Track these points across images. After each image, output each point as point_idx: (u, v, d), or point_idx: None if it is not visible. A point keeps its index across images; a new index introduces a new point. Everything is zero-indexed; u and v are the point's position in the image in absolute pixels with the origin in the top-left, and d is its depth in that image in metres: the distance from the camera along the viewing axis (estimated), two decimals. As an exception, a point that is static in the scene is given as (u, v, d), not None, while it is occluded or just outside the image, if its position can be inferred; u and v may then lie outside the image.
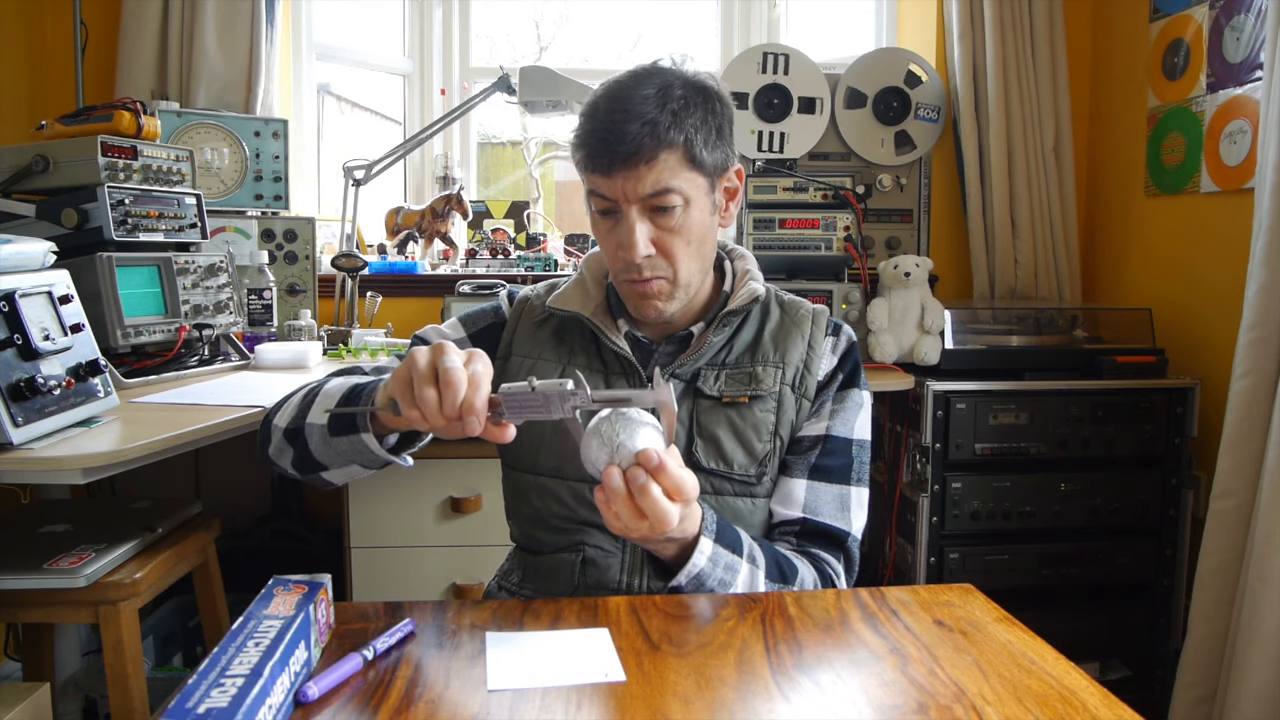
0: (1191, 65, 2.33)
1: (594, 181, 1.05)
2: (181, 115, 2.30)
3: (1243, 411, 1.91)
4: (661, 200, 1.03)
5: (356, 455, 0.97)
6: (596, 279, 1.19)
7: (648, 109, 1.01)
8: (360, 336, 2.31)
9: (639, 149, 1.00)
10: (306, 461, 1.03)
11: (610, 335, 1.13)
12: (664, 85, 1.03)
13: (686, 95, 1.03)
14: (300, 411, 1.04)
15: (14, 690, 1.40)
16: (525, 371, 1.14)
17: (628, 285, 1.09)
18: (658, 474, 0.84)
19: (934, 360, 2.21)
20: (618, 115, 1.01)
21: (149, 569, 1.48)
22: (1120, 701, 0.72)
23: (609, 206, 1.05)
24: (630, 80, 1.04)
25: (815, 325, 1.17)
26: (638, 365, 1.12)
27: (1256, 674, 1.81)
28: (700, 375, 1.11)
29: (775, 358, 1.13)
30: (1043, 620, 1.02)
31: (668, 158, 1.02)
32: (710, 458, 1.09)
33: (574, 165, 1.09)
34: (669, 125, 1.01)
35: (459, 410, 0.83)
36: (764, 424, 1.10)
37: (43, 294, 1.42)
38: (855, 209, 2.49)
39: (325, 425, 0.98)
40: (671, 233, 1.05)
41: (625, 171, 1.01)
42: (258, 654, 0.67)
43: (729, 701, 0.72)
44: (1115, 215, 2.68)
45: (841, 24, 3.10)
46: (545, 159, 3.13)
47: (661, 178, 1.02)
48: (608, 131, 1.01)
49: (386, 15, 2.97)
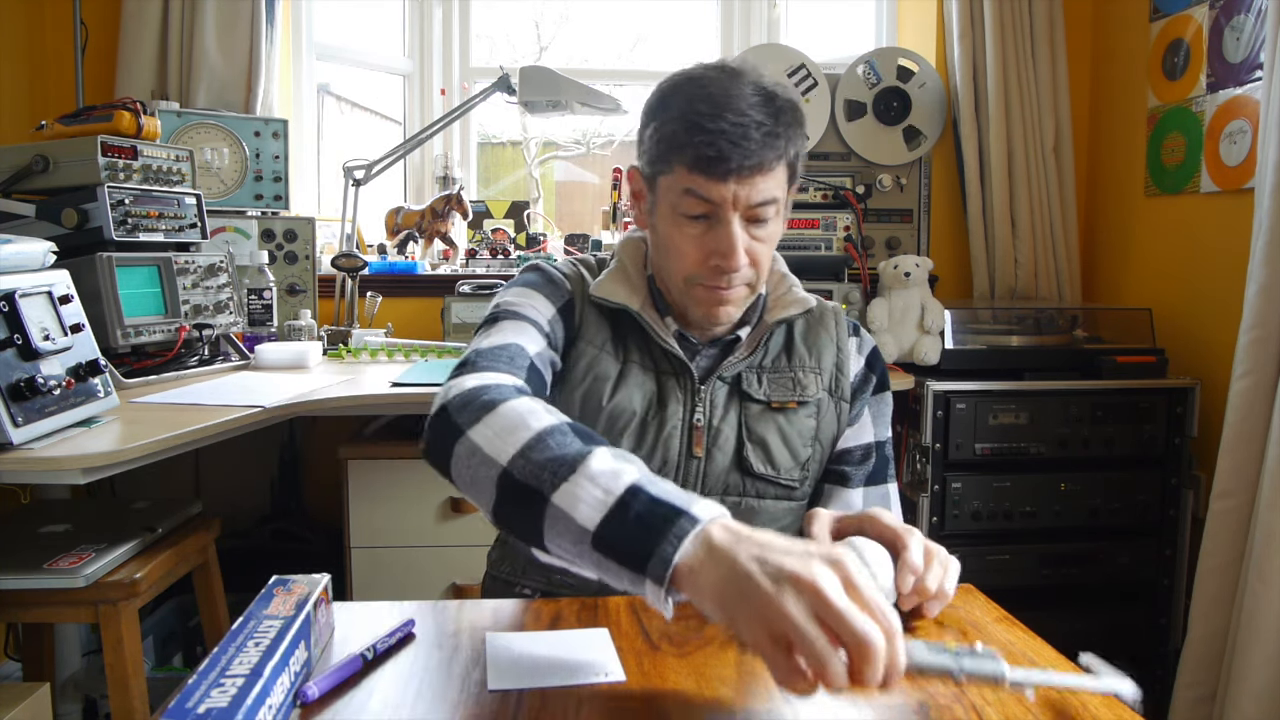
0: (1191, 65, 2.33)
1: (696, 183, 0.99)
2: (181, 115, 2.30)
3: (1243, 411, 1.91)
4: (763, 211, 1.01)
5: (606, 574, 0.71)
6: (637, 269, 1.14)
7: (763, 117, 0.98)
8: (360, 336, 2.31)
9: (763, 160, 0.98)
10: (517, 526, 0.77)
11: (661, 333, 1.10)
12: (763, 91, 1.00)
13: (787, 105, 1.01)
14: (537, 467, 0.75)
15: (14, 690, 1.40)
16: (587, 364, 1.09)
17: (705, 290, 1.06)
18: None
19: (934, 360, 2.21)
20: (738, 119, 0.97)
21: (149, 569, 1.48)
22: (1120, 701, 0.71)
23: (707, 211, 1.01)
24: (727, 80, 1.00)
25: (839, 326, 1.17)
26: (689, 364, 1.10)
27: (1256, 674, 1.81)
28: (744, 378, 1.11)
29: (812, 362, 1.13)
30: (1043, 620, 1.02)
31: (779, 170, 1.00)
32: (760, 462, 1.09)
33: (654, 161, 1.03)
34: (784, 136, 0.99)
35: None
36: (807, 429, 1.11)
37: (43, 294, 1.42)
38: (855, 209, 2.50)
39: (591, 533, 0.70)
40: (761, 242, 1.04)
41: (741, 178, 0.98)
42: (258, 654, 0.67)
43: (729, 701, 0.72)
44: (1115, 215, 2.68)
45: (841, 24, 3.10)
46: (545, 159, 3.13)
47: (770, 188, 1.00)
48: (727, 136, 0.96)
49: (386, 15, 2.97)
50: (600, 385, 1.09)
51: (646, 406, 1.09)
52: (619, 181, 2.73)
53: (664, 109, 1.02)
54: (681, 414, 1.09)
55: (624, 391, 1.09)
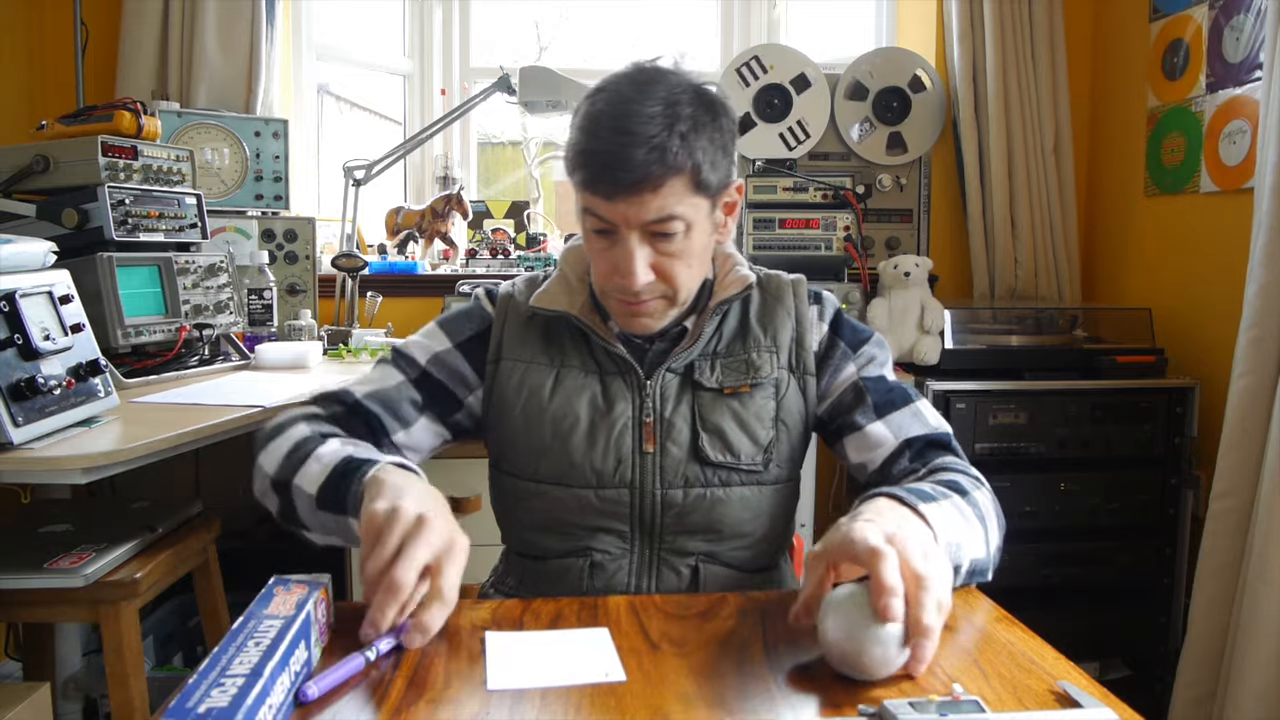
0: (1191, 65, 2.33)
1: (591, 202, 0.99)
2: (182, 115, 2.30)
3: (1243, 411, 1.91)
4: (664, 227, 0.99)
5: (341, 533, 0.95)
6: (579, 274, 1.14)
7: (654, 130, 0.94)
8: (360, 336, 2.31)
9: (645, 176, 0.94)
10: (290, 518, 1.00)
11: (602, 335, 1.09)
12: (670, 100, 0.96)
13: (695, 113, 0.97)
14: (290, 465, 0.98)
15: (14, 690, 1.41)
16: (518, 380, 1.10)
17: (619, 303, 1.06)
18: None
19: (934, 360, 2.21)
20: (623, 137, 0.94)
21: (149, 569, 1.48)
22: (1120, 701, 0.72)
23: (606, 228, 1.00)
24: (632, 91, 0.97)
25: (797, 298, 1.14)
26: (635, 364, 1.09)
27: (1256, 673, 1.81)
28: (695, 367, 1.09)
29: (767, 341, 1.11)
30: (1043, 620, 1.02)
31: (674, 184, 0.97)
32: (717, 450, 1.07)
33: (567, 175, 1.03)
34: (677, 150, 0.95)
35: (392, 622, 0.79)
36: (765, 411, 1.09)
37: (43, 294, 1.42)
38: (855, 209, 2.50)
39: (314, 496, 0.94)
40: (671, 257, 1.01)
41: (628, 198, 0.96)
42: (258, 654, 0.67)
43: (729, 701, 0.72)
44: (1115, 215, 2.68)
45: (841, 24, 3.10)
46: (545, 159, 3.13)
47: (666, 204, 0.97)
48: (611, 155, 0.95)
49: (386, 15, 2.97)
50: (536, 396, 1.09)
51: (592, 408, 1.08)
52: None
53: (574, 119, 1.01)
54: (630, 411, 1.08)
55: (560, 396, 1.08)
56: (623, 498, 1.07)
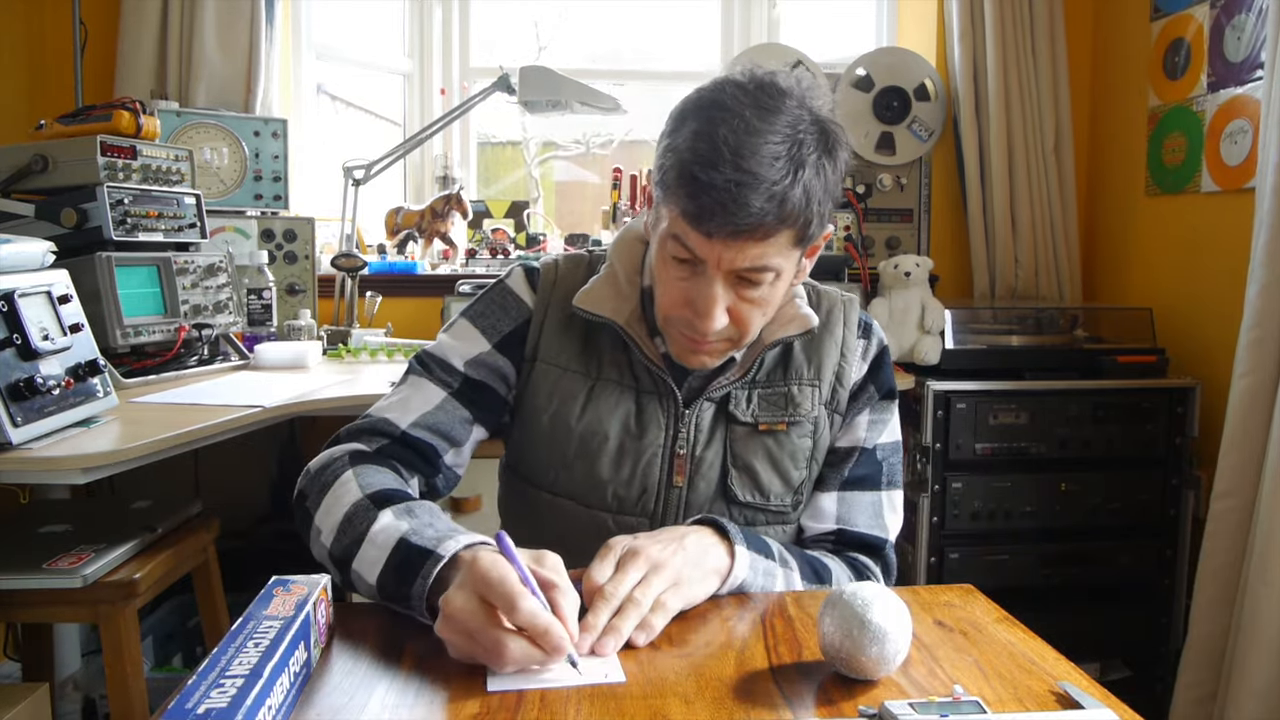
0: (1192, 65, 2.33)
1: (683, 230, 0.89)
2: (181, 115, 2.30)
3: (1243, 411, 1.91)
4: (754, 276, 0.91)
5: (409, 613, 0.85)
6: (630, 276, 1.05)
7: (777, 175, 0.85)
8: (360, 336, 2.31)
9: (758, 226, 0.86)
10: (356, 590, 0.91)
11: (646, 352, 1.01)
12: (794, 136, 0.87)
13: (819, 156, 0.88)
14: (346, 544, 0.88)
15: (14, 690, 1.41)
16: (551, 386, 1.04)
17: (682, 337, 0.97)
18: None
19: (934, 360, 2.20)
20: (743, 176, 0.84)
21: (149, 569, 1.48)
22: (1120, 701, 0.71)
23: (691, 259, 0.91)
24: (755, 117, 0.87)
25: (847, 326, 1.08)
26: (674, 388, 1.02)
27: (1257, 674, 1.80)
28: (731, 397, 1.02)
29: (810, 374, 1.04)
30: (1043, 620, 1.01)
31: (781, 237, 0.89)
32: (747, 490, 1.02)
33: (657, 185, 0.93)
34: (796, 202, 0.86)
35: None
36: (801, 451, 1.04)
37: (42, 294, 1.41)
38: (855, 209, 2.50)
39: (375, 586, 0.85)
40: (751, 304, 0.93)
41: (729, 242, 0.87)
42: (257, 654, 0.67)
43: (729, 701, 0.71)
44: (1115, 215, 2.68)
45: (842, 24, 3.10)
46: (545, 159, 3.13)
47: (766, 254, 0.89)
48: (728, 195, 0.84)
49: (386, 15, 2.97)
50: (568, 407, 1.03)
51: (623, 429, 1.02)
52: (619, 181, 2.73)
53: (675, 131, 0.91)
54: (663, 439, 1.02)
55: (593, 412, 1.03)
56: (641, 526, 1.03)
